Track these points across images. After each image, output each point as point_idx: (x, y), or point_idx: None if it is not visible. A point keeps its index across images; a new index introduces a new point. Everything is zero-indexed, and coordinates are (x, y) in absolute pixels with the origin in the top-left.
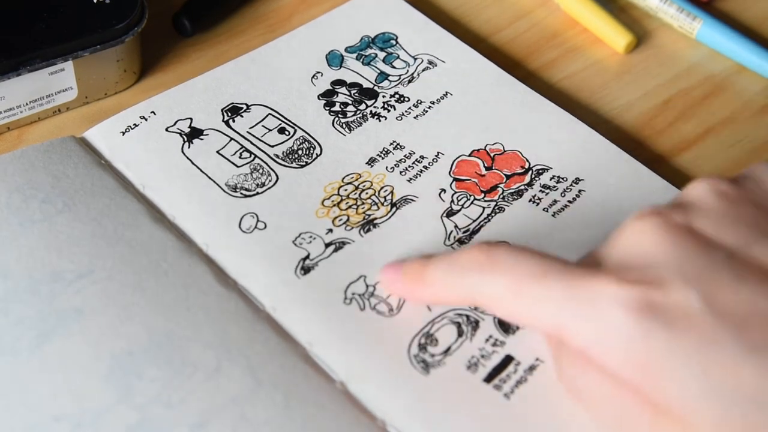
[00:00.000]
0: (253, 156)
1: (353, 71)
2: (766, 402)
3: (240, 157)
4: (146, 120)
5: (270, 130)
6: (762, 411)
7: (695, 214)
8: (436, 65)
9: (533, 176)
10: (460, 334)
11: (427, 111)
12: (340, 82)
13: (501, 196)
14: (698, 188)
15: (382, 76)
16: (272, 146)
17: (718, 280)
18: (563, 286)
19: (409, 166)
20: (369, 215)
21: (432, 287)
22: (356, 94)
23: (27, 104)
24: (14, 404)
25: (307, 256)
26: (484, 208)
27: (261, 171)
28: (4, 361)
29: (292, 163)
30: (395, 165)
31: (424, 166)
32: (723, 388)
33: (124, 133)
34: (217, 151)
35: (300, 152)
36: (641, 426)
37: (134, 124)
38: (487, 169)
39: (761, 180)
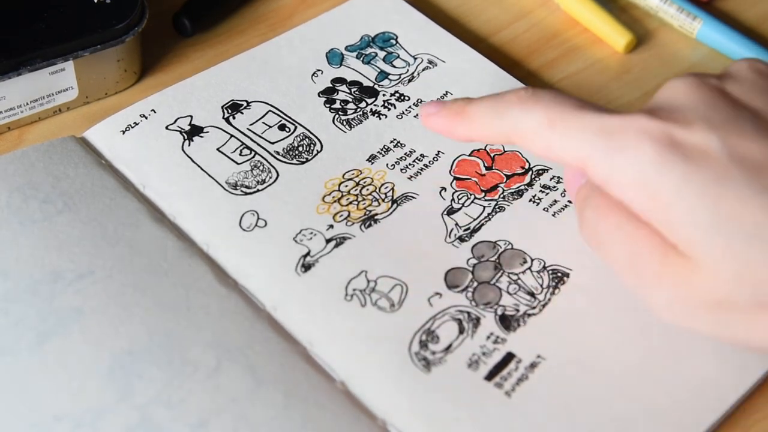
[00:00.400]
0: (253, 153)
1: (353, 69)
2: (765, 240)
3: (240, 155)
4: (146, 118)
5: (270, 126)
6: (761, 248)
7: (731, 81)
8: (436, 65)
9: (533, 176)
10: (461, 331)
11: None
12: (340, 80)
13: (501, 196)
14: (738, 64)
15: (383, 74)
16: (272, 143)
17: (740, 129)
18: (597, 119)
19: (410, 164)
20: (370, 211)
21: (472, 122)
22: (356, 92)
23: (27, 104)
24: (14, 404)
25: (308, 253)
26: (484, 207)
27: (261, 168)
28: (4, 361)
29: (292, 159)
30: (396, 162)
31: (424, 165)
32: (729, 222)
33: (124, 132)
34: (218, 149)
35: (300, 149)
36: (652, 265)
37: (134, 123)
38: (487, 168)
39: None
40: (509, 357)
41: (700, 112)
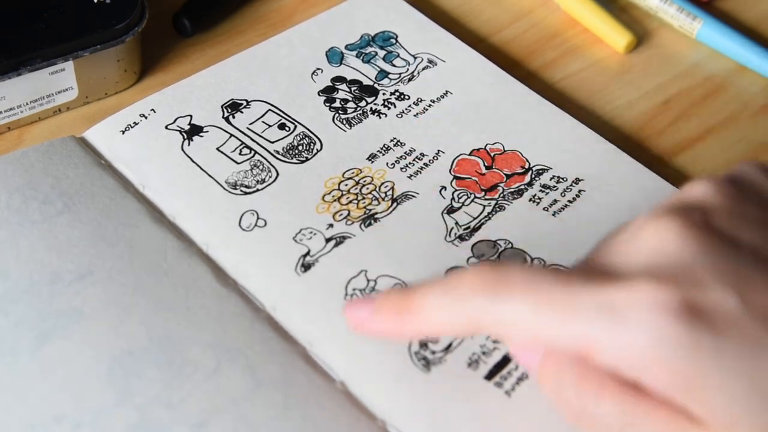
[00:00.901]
0: (253, 152)
1: (353, 68)
2: None
3: (240, 154)
4: (146, 118)
5: (270, 125)
6: None
7: (710, 213)
8: (436, 64)
9: (533, 176)
10: None
11: (427, 109)
12: (340, 79)
13: (501, 195)
14: (702, 188)
15: (382, 74)
16: (272, 142)
17: (752, 280)
18: (592, 294)
19: (410, 163)
20: (370, 210)
21: (423, 316)
22: (356, 91)
23: (27, 104)
24: (14, 405)
25: (308, 253)
26: (484, 206)
27: (261, 167)
28: (4, 362)
29: (292, 158)
30: (396, 161)
31: (424, 164)
32: None
33: (123, 132)
34: (217, 148)
35: (300, 147)
36: None
37: (134, 123)
38: (487, 168)
39: (753, 179)
40: (509, 356)
41: (706, 266)
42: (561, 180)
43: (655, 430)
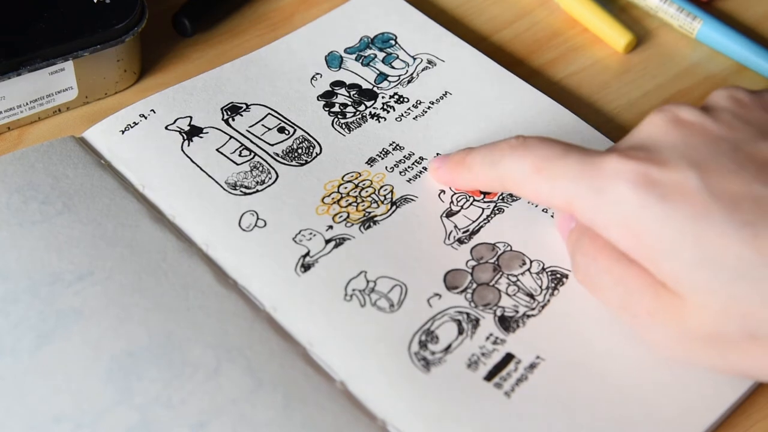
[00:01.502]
0: (252, 154)
1: (352, 72)
2: (748, 273)
3: (240, 155)
4: (146, 118)
5: (269, 129)
6: (744, 281)
7: (709, 113)
8: (435, 64)
9: None
10: (460, 331)
11: (426, 111)
12: (339, 84)
13: (500, 198)
14: (717, 94)
15: (382, 76)
16: (272, 145)
17: (719, 165)
18: (580, 162)
19: (409, 167)
20: (369, 212)
21: (471, 171)
22: (355, 95)
23: (27, 104)
24: (14, 405)
25: (308, 253)
26: (483, 209)
27: (261, 169)
28: (4, 363)
29: (291, 161)
30: (395, 165)
31: (423, 167)
32: (712, 259)
33: (123, 132)
34: (217, 149)
35: (300, 151)
36: (644, 303)
37: (134, 123)
38: None
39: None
40: (509, 358)
41: (678, 150)
42: None
43: (641, 294)
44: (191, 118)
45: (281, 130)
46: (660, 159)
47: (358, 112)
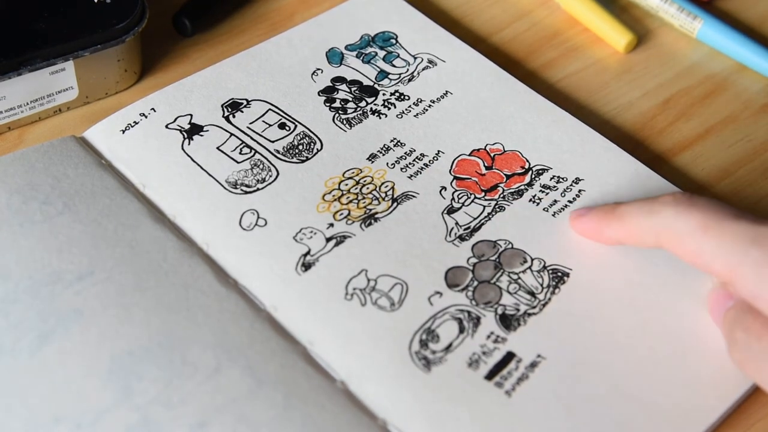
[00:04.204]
0: (253, 151)
1: (353, 69)
2: None
3: (240, 153)
4: (146, 117)
5: (270, 125)
6: None
7: None
8: (436, 64)
9: (533, 176)
10: (461, 330)
11: (427, 110)
12: (340, 79)
13: (501, 196)
14: None
15: (382, 74)
16: (273, 141)
17: None
18: (753, 229)
19: (410, 164)
20: (370, 210)
21: (623, 221)
22: (356, 92)
23: (28, 104)
24: (15, 405)
25: (308, 252)
26: (484, 206)
27: (261, 166)
28: (4, 362)
29: (292, 158)
30: (396, 162)
31: (424, 164)
32: None
33: (124, 131)
34: (218, 147)
35: (300, 147)
36: None
37: (134, 122)
38: (487, 168)
39: None
40: (509, 356)
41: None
42: (561, 180)
43: None
44: (192, 116)
45: (282, 126)
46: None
47: (359, 108)
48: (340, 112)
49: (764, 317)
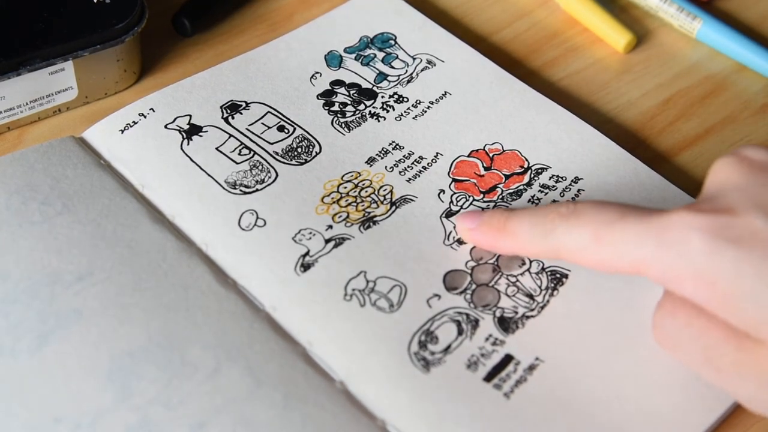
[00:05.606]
0: (252, 153)
1: (352, 72)
2: None
3: (239, 154)
4: (145, 117)
5: (269, 127)
6: None
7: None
8: (435, 65)
9: (532, 176)
10: (460, 332)
11: (426, 111)
12: (339, 83)
13: (500, 197)
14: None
15: (381, 76)
16: (271, 143)
17: None
18: (640, 222)
19: (408, 167)
20: (369, 213)
21: (516, 239)
22: (355, 95)
23: (27, 104)
24: (14, 406)
25: (307, 253)
26: (483, 208)
27: (260, 168)
28: (4, 363)
29: (291, 160)
30: (394, 165)
31: (423, 167)
32: None
33: (123, 131)
34: (216, 148)
35: (299, 150)
36: (728, 356)
37: (133, 122)
38: (486, 169)
39: None
40: (508, 359)
41: (745, 192)
42: (560, 179)
43: (723, 346)
44: (191, 116)
45: (281, 128)
46: (726, 206)
47: (357, 112)
48: (338, 115)
49: (678, 297)
